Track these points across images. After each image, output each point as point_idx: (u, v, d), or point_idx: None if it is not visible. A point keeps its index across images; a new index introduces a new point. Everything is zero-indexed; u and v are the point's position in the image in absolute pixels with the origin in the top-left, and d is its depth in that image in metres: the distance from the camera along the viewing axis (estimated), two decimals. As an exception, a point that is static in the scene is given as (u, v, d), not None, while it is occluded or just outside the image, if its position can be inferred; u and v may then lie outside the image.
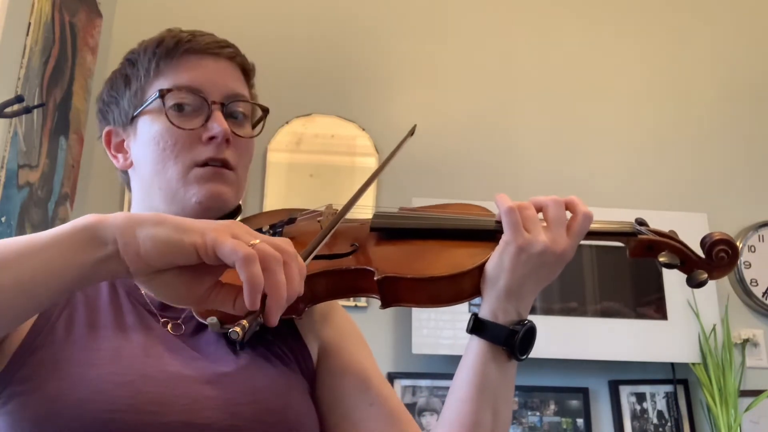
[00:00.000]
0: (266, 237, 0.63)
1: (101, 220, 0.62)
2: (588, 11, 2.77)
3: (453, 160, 2.52)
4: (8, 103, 1.42)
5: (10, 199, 1.73)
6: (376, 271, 0.79)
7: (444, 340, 2.22)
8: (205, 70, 0.88)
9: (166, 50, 0.88)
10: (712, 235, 0.84)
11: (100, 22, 2.31)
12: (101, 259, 0.61)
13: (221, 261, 0.60)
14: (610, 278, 2.37)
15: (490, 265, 0.81)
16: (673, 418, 2.32)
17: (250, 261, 0.59)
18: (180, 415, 0.72)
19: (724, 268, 0.84)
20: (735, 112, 2.70)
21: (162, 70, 0.88)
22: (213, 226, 0.62)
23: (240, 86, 0.92)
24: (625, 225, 0.85)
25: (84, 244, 0.61)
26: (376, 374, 0.90)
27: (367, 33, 2.65)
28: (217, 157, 0.85)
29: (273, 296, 0.60)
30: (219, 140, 0.85)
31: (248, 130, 0.93)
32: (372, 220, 0.88)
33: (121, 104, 0.90)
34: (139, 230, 0.61)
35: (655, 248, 0.84)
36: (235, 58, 0.92)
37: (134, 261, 0.61)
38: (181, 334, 0.83)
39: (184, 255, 0.61)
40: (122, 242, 0.61)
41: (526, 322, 0.81)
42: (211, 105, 0.87)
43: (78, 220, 0.63)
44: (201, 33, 0.91)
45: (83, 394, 0.70)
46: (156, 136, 0.86)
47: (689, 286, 0.84)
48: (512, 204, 0.81)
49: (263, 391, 0.78)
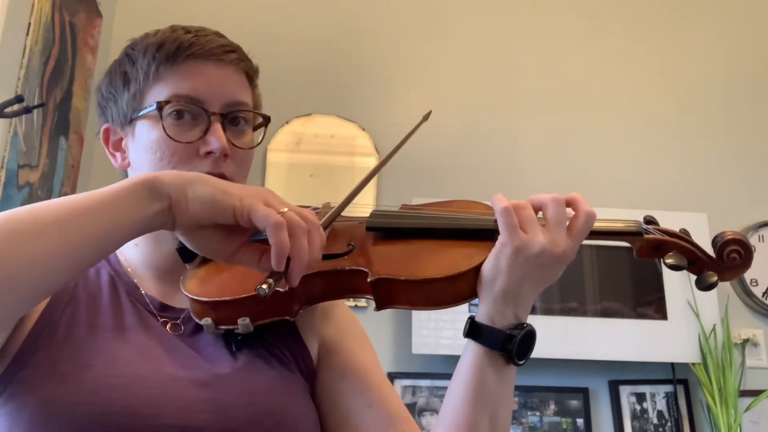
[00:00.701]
0: (294, 206, 0.69)
1: (157, 176, 0.66)
2: (588, 11, 2.77)
3: (453, 160, 2.52)
4: (8, 103, 1.42)
5: (10, 199, 1.73)
6: (369, 272, 0.78)
7: (444, 340, 2.22)
8: (207, 77, 0.85)
9: (166, 55, 0.85)
10: (723, 235, 0.80)
11: (100, 22, 2.31)
12: (157, 213, 0.66)
13: (253, 225, 0.66)
14: (610, 278, 2.37)
15: (486, 268, 0.78)
16: (673, 418, 2.33)
17: (280, 227, 0.65)
18: (175, 417, 0.71)
19: (736, 269, 0.80)
20: (735, 111, 2.70)
21: (162, 75, 0.85)
22: (249, 192, 0.67)
23: (242, 93, 0.89)
24: (630, 224, 0.82)
25: (145, 197, 0.65)
26: (377, 374, 0.89)
27: (367, 33, 2.65)
28: (214, 173, 0.82)
29: (296, 260, 0.66)
30: (217, 156, 0.83)
31: (249, 138, 0.90)
32: (368, 219, 0.86)
33: (120, 104, 0.88)
34: (189, 188, 0.66)
35: (662, 249, 0.81)
36: (239, 63, 0.88)
37: (182, 216, 0.67)
38: (180, 334, 0.83)
39: (223, 215, 0.66)
40: (175, 198, 0.66)
41: (524, 326, 0.78)
42: (210, 116, 0.84)
43: (130, 178, 0.67)
44: (205, 33, 0.88)
45: (78, 397, 0.70)
46: (153, 145, 0.84)
47: (698, 289, 0.80)
48: (508, 204, 0.78)
49: (260, 393, 0.77)
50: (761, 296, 2.46)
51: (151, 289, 0.87)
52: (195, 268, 0.85)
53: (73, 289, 0.82)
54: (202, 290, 0.81)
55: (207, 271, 0.84)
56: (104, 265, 0.88)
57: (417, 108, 2.59)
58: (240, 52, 0.90)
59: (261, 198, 0.67)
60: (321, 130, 2.51)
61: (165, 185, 0.66)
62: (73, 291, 0.82)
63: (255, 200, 0.66)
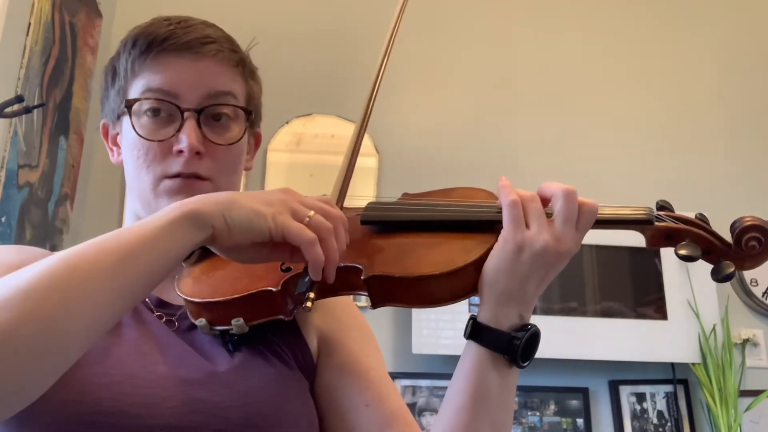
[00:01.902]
0: (315, 203, 0.72)
1: (194, 207, 0.68)
2: (588, 11, 2.77)
3: (453, 160, 2.52)
4: (8, 103, 1.42)
5: (10, 199, 1.73)
6: (363, 269, 0.74)
7: (444, 340, 2.22)
8: (181, 70, 0.82)
9: (140, 50, 0.83)
10: (742, 220, 0.74)
11: (100, 22, 2.31)
12: (201, 242, 0.68)
13: (287, 240, 0.69)
14: (610, 278, 2.37)
15: (488, 266, 0.74)
16: (673, 418, 2.32)
17: (313, 244, 0.68)
18: (166, 418, 0.69)
19: (756, 257, 0.73)
20: (735, 111, 2.70)
21: (137, 70, 0.84)
22: (275, 205, 0.70)
23: (224, 84, 0.85)
24: (639, 211, 0.76)
25: (189, 230, 0.67)
26: (378, 372, 0.85)
27: (367, 33, 2.64)
28: (185, 172, 0.82)
29: (330, 262, 0.70)
30: (186, 155, 0.81)
31: (233, 132, 0.86)
32: (363, 213, 0.82)
33: (109, 100, 0.88)
34: (227, 214, 0.68)
35: (675, 237, 0.75)
36: (218, 54, 0.84)
37: (224, 241, 0.69)
38: (176, 329, 0.81)
39: (260, 236, 0.69)
40: (218, 227, 0.68)
41: (529, 327, 0.74)
42: (183, 113, 0.82)
43: (166, 211, 0.67)
44: (186, 25, 0.85)
45: (67, 396, 0.68)
46: (131, 143, 0.84)
47: (714, 280, 0.74)
48: (516, 198, 0.75)
49: (256, 393, 0.75)
50: (761, 296, 2.46)
51: None
52: (190, 266, 0.84)
53: None
54: (194, 291, 0.79)
55: (201, 270, 0.82)
56: None
57: (417, 108, 2.60)
58: (221, 43, 0.86)
59: (288, 209, 0.70)
60: (321, 130, 2.51)
61: (206, 215, 0.68)
62: None
63: (285, 217, 0.69)
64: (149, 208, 0.84)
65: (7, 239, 1.73)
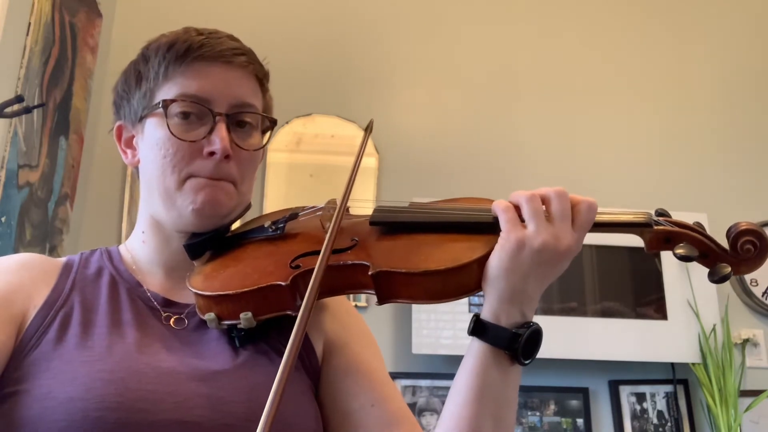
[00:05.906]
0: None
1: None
2: (589, 11, 2.77)
3: (453, 160, 2.52)
4: (8, 103, 1.42)
5: (10, 199, 1.73)
6: (371, 265, 0.77)
7: (444, 340, 2.22)
8: (214, 78, 0.86)
9: (176, 55, 0.86)
10: (737, 226, 0.77)
11: (100, 22, 2.31)
12: None
13: None
14: (610, 278, 2.37)
15: (491, 264, 0.76)
16: (673, 418, 2.33)
17: None
18: (170, 413, 0.71)
19: (751, 261, 0.76)
20: (735, 111, 2.71)
21: (170, 75, 0.86)
22: None
23: (250, 95, 0.89)
24: (639, 215, 0.79)
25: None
26: (381, 374, 0.88)
27: (367, 33, 2.65)
28: (216, 176, 0.85)
29: None
30: (218, 157, 0.84)
31: (255, 140, 0.90)
32: (372, 214, 0.86)
33: (132, 102, 0.90)
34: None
35: (673, 240, 0.78)
36: (248, 66, 0.89)
37: None
38: (184, 328, 0.83)
39: None
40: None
41: (530, 325, 0.76)
42: (215, 116, 0.85)
43: None
44: (217, 36, 0.89)
45: (72, 392, 0.70)
46: (159, 142, 0.86)
47: (711, 281, 0.77)
48: (507, 203, 0.78)
49: (259, 389, 0.76)
50: (761, 296, 2.46)
51: (156, 285, 0.88)
52: (202, 264, 0.86)
53: (69, 292, 0.82)
54: (206, 285, 0.81)
55: (213, 268, 0.85)
56: (107, 266, 0.88)
57: (417, 108, 2.60)
58: (250, 56, 0.90)
59: None
60: (321, 130, 2.51)
61: None
62: (68, 294, 0.82)
63: None
64: (174, 206, 0.86)
65: (7, 239, 1.73)
